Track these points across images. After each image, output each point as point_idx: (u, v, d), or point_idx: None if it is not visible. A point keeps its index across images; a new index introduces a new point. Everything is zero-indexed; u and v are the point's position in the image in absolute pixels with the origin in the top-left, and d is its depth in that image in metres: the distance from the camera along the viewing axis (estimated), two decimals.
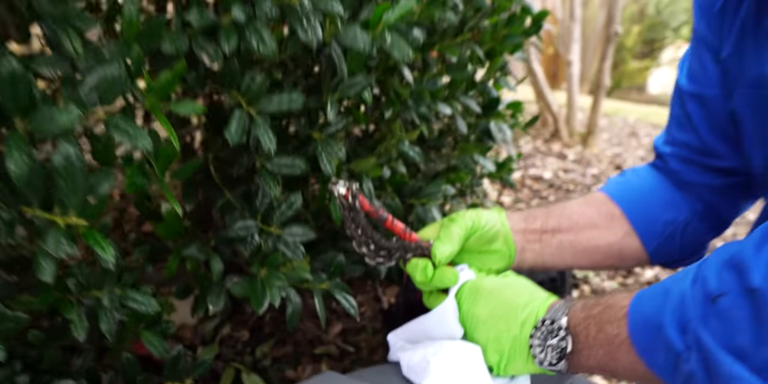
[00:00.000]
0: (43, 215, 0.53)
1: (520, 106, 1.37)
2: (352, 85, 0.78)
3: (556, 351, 0.62)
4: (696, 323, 0.51)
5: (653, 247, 0.87)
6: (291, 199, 0.82)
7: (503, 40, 1.14)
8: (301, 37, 0.62)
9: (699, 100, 0.81)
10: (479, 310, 0.70)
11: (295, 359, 1.27)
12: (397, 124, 0.95)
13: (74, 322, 0.66)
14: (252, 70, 0.69)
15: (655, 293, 0.57)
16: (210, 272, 0.89)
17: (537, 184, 2.58)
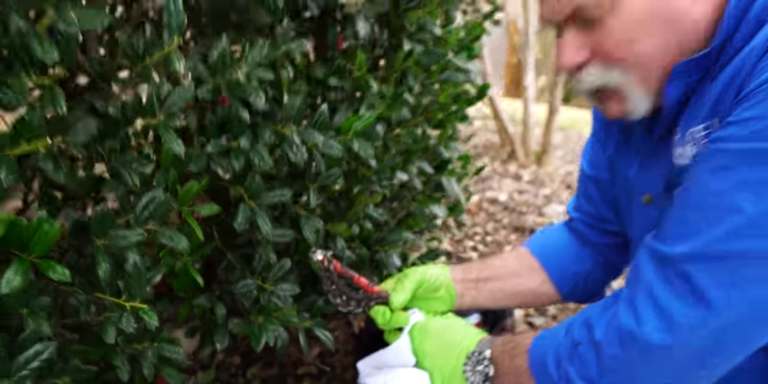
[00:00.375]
0: (114, 300, 0.75)
1: (469, 159, 1.62)
2: (328, 176, 1.02)
3: (482, 375, 0.87)
4: (565, 362, 0.76)
5: (564, 291, 1.12)
6: (282, 262, 1.05)
7: (452, 114, 1.39)
8: (291, 158, 0.86)
9: (596, 181, 1.07)
10: (426, 346, 0.94)
11: (281, 379, 1.50)
12: (364, 194, 1.18)
13: (120, 367, 0.88)
14: (252, 171, 0.92)
15: (544, 338, 0.83)
16: (215, 316, 1.12)
17: (493, 207, 2.84)
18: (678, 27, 0.71)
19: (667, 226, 0.72)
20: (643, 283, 0.71)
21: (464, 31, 1.35)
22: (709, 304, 0.64)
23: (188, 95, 0.70)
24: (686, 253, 0.66)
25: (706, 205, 0.66)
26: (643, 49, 0.72)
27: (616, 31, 0.72)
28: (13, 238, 0.65)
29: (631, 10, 0.70)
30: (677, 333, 0.66)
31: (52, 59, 0.53)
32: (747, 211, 0.62)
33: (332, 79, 1.03)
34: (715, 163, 0.66)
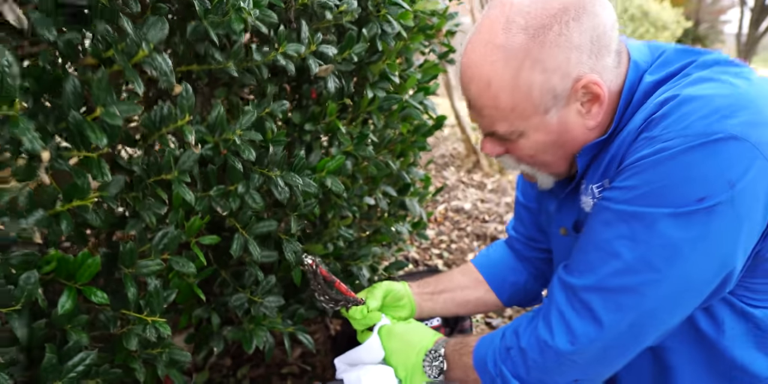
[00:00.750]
0: (137, 315, 0.94)
1: (429, 180, 1.83)
2: (306, 206, 1.22)
3: (438, 369, 1.08)
4: (499, 362, 0.98)
5: (504, 299, 1.34)
6: (268, 278, 1.25)
7: (412, 144, 1.60)
8: (277, 196, 1.06)
9: (526, 208, 1.30)
10: (392, 345, 1.15)
11: (267, 378, 1.70)
12: (336, 218, 1.39)
13: (137, 370, 1.07)
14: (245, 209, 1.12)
15: (485, 341, 1.04)
16: (211, 324, 1.31)
17: (458, 215, 3.07)
18: (571, 148, 0.95)
19: (573, 261, 0.94)
20: (555, 304, 0.93)
21: (421, 73, 1.57)
22: (601, 323, 0.87)
23: (195, 157, 0.89)
24: (585, 285, 0.89)
25: (598, 249, 0.88)
26: (541, 160, 0.97)
27: (522, 149, 0.95)
28: (62, 270, 0.84)
29: (535, 139, 0.93)
30: (579, 343, 0.89)
31: (102, 144, 0.73)
32: (625, 257, 0.84)
33: (307, 125, 1.23)
34: (603, 217, 0.88)
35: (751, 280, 0.91)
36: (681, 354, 0.98)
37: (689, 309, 0.87)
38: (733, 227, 0.79)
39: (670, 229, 0.80)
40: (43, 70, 0.73)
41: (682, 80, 0.86)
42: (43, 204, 0.83)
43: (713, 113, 0.78)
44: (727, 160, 0.76)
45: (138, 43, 0.76)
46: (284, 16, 1.08)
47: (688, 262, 0.81)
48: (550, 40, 0.83)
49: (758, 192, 0.78)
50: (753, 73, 0.87)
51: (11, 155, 0.73)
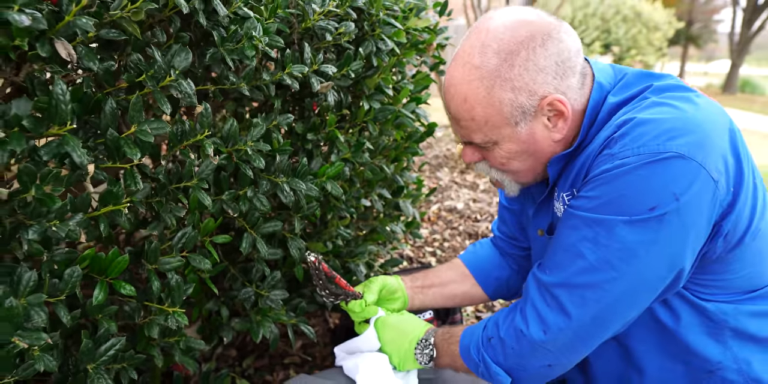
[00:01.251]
0: (159, 307, 1.07)
1: (422, 183, 1.96)
2: (308, 208, 1.34)
3: (428, 356, 1.21)
4: (482, 350, 1.11)
5: (490, 292, 1.47)
6: (273, 273, 1.37)
7: (405, 150, 1.73)
8: (283, 200, 1.18)
9: (509, 210, 1.42)
10: (386, 335, 1.27)
11: (271, 368, 1.82)
12: (335, 219, 1.51)
13: (156, 356, 1.19)
14: (253, 210, 1.24)
15: (469, 332, 1.17)
16: (220, 317, 1.43)
17: (450, 215, 3.20)
18: (539, 158, 1.07)
19: (545, 260, 1.07)
20: (530, 299, 1.06)
21: (413, 84, 1.69)
22: (569, 315, 1.00)
23: (213, 166, 1.02)
24: (555, 281, 1.02)
25: (566, 250, 1.01)
26: (513, 167, 1.09)
27: (496, 156, 1.08)
28: (95, 266, 0.97)
29: (507, 149, 1.05)
30: (550, 333, 1.01)
31: (136, 157, 0.85)
32: (588, 258, 0.97)
33: (309, 134, 1.35)
34: (570, 223, 1.01)
35: (701, 277, 1.04)
36: (643, 342, 1.11)
37: (646, 303, 1.00)
38: (681, 233, 0.92)
39: (627, 234, 0.92)
40: (85, 95, 0.85)
41: (640, 103, 0.99)
42: (80, 208, 0.95)
43: (663, 134, 0.91)
44: (673, 176, 0.89)
45: (166, 70, 0.88)
46: (289, 39, 1.20)
47: (642, 262, 0.93)
48: (519, 63, 0.96)
49: (702, 203, 0.91)
50: (701, 97, 1.00)
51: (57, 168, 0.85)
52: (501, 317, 1.12)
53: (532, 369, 1.05)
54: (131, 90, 0.91)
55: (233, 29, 0.98)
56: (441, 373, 1.35)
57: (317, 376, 1.28)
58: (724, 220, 0.95)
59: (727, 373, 1.06)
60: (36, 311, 0.81)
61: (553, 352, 1.03)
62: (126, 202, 0.93)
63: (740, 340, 1.06)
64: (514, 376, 1.07)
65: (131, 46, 0.89)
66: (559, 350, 1.03)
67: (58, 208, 0.80)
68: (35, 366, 0.85)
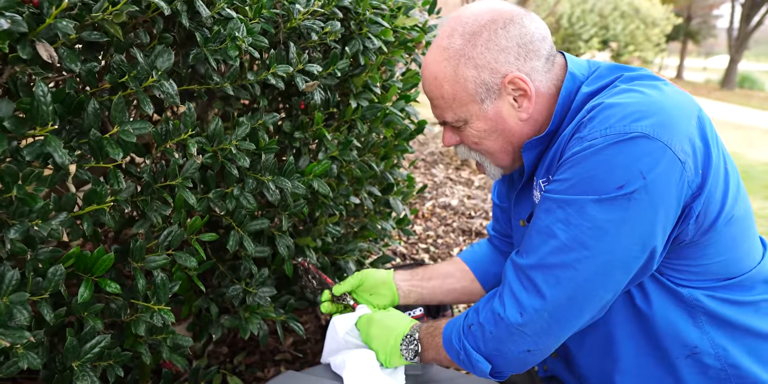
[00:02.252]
0: (145, 304, 1.08)
1: (413, 180, 1.97)
2: (296, 206, 1.35)
3: (413, 352, 1.22)
4: (462, 338, 1.12)
5: (488, 288, 1.48)
6: (261, 271, 1.39)
7: (394, 148, 1.74)
8: (269, 198, 1.19)
9: (501, 208, 1.44)
10: (372, 331, 1.28)
11: (262, 364, 1.84)
12: (324, 216, 1.53)
13: (144, 354, 1.21)
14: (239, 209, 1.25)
15: (451, 323, 1.18)
16: (209, 314, 1.45)
17: (445, 211, 3.21)
18: (509, 137, 1.11)
19: (522, 244, 1.08)
20: (507, 282, 1.07)
21: (402, 82, 1.70)
22: (544, 296, 1.00)
23: (197, 165, 1.03)
24: (529, 263, 1.03)
25: (540, 232, 1.02)
26: (486, 147, 1.14)
27: (469, 136, 1.13)
28: (81, 264, 0.98)
29: (477, 127, 1.11)
30: (526, 315, 1.02)
31: (119, 157, 0.86)
32: (560, 238, 0.98)
33: (297, 133, 1.36)
34: (545, 206, 1.02)
35: (676, 262, 1.06)
36: (622, 328, 1.12)
37: (620, 284, 1.00)
38: (650, 211, 0.94)
39: (596, 213, 0.95)
40: (68, 96, 0.86)
41: (610, 91, 1.03)
42: (65, 207, 0.96)
43: (629, 116, 0.94)
44: (639, 154, 0.92)
45: (148, 71, 0.89)
46: (275, 39, 1.21)
47: (613, 240, 0.95)
48: (481, 43, 1.04)
49: (670, 182, 0.93)
50: (668, 85, 1.03)
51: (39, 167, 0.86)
52: (481, 304, 1.13)
53: (511, 354, 1.06)
54: (115, 91, 0.92)
55: (216, 30, 0.99)
56: (428, 368, 1.37)
57: (305, 373, 1.30)
58: (694, 201, 0.97)
59: (704, 357, 1.08)
60: (18, 310, 0.82)
61: (530, 335, 1.03)
62: (110, 202, 0.94)
63: (717, 326, 1.07)
64: (493, 362, 1.08)
65: (114, 47, 0.90)
66: (536, 333, 1.03)
67: (41, 207, 0.81)
68: (19, 364, 0.86)
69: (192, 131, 0.99)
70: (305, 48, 1.30)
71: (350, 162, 1.52)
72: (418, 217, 3.09)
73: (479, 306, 1.13)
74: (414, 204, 3.23)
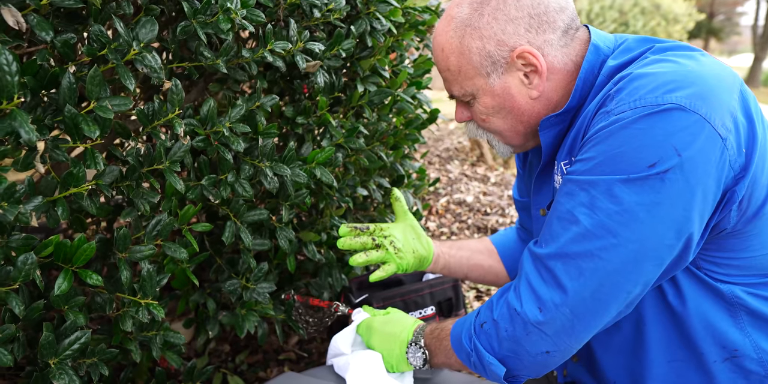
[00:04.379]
0: (131, 298, 1.00)
1: (425, 172, 1.88)
2: (297, 196, 1.27)
3: (421, 359, 1.13)
4: (474, 337, 1.02)
5: (512, 273, 1.39)
6: (261, 265, 1.31)
7: (405, 137, 1.65)
8: (266, 186, 1.11)
9: (522, 204, 1.35)
10: (373, 340, 1.19)
11: (265, 364, 1.76)
12: (329, 208, 1.44)
13: (133, 351, 1.13)
14: (236, 197, 1.17)
15: (460, 322, 1.09)
16: (207, 309, 1.37)
17: (459, 208, 3.11)
18: (519, 116, 1.02)
19: (541, 234, 0.98)
20: (524, 274, 0.97)
21: (413, 68, 1.61)
22: (565, 290, 0.90)
23: (185, 148, 0.95)
24: (549, 253, 0.93)
25: (561, 219, 0.92)
26: (494, 125, 1.05)
27: (477, 112, 1.05)
28: (60, 254, 0.90)
29: (484, 103, 1.02)
30: (546, 311, 0.92)
31: (94, 135, 0.78)
32: (583, 223, 0.88)
33: (299, 118, 1.28)
34: (566, 189, 0.92)
35: (717, 255, 0.94)
36: (653, 328, 1.01)
37: (651, 276, 0.89)
38: (686, 193, 0.83)
39: (625, 195, 0.84)
40: (41, 68, 0.78)
41: (640, 63, 0.93)
42: (43, 192, 0.89)
43: (661, 86, 0.84)
44: (673, 129, 0.81)
45: (129, 43, 0.81)
46: (274, 15, 1.12)
47: (644, 226, 0.84)
48: (488, 13, 0.97)
49: (709, 161, 0.82)
50: (705, 55, 0.92)
51: (12, 147, 0.79)
52: (495, 298, 1.03)
53: (528, 356, 0.96)
54: (94, 65, 0.84)
55: (207, 1, 0.91)
56: (438, 371, 1.28)
57: (305, 374, 1.22)
58: (737, 184, 0.86)
59: (745, 361, 0.97)
60: None
61: (549, 335, 0.93)
62: (89, 185, 0.86)
63: (760, 328, 0.96)
64: (508, 365, 0.98)
65: (92, 16, 0.82)
66: (556, 333, 0.93)
67: (6, 188, 0.74)
68: None
69: (179, 111, 0.91)
70: (308, 27, 1.21)
71: (357, 151, 1.43)
72: (431, 213, 2.99)
73: (493, 301, 1.03)
74: (428, 199, 3.14)
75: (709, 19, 22.47)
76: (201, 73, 1.09)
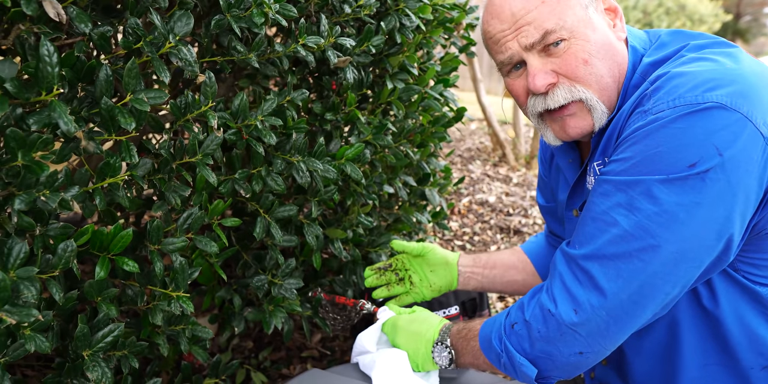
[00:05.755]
0: (163, 291, 1.01)
1: (450, 171, 1.87)
2: (326, 192, 1.27)
3: (447, 359, 1.11)
4: (504, 338, 1.01)
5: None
6: (288, 261, 1.31)
7: (431, 135, 1.64)
8: (298, 180, 1.11)
9: (547, 209, 1.33)
10: (399, 339, 1.18)
11: (288, 361, 1.76)
12: (356, 205, 1.44)
13: (161, 345, 1.14)
14: (266, 191, 1.17)
15: (489, 322, 1.07)
16: (233, 305, 1.37)
17: (482, 208, 3.09)
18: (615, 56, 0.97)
19: (575, 235, 0.97)
20: (557, 275, 0.96)
21: (441, 65, 1.60)
22: (602, 291, 0.89)
23: (218, 140, 0.95)
24: (585, 253, 0.91)
25: (597, 219, 0.91)
26: (596, 69, 0.94)
27: (576, 54, 0.94)
28: (96, 242, 0.91)
29: (586, 39, 0.93)
30: (582, 313, 0.90)
31: (131, 127, 0.79)
32: (622, 224, 0.87)
33: (328, 114, 1.28)
34: (602, 189, 0.91)
35: (755, 256, 0.92)
36: (688, 332, 0.99)
37: (690, 278, 0.87)
38: (727, 193, 0.81)
39: (665, 195, 0.82)
40: (78, 60, 0.79)
41: (676, 61, 0.91)
42: (79, 182, 0.89)
43: (701, 85, 0.82)
44: (714, 128, 0.79)
45: (165, 36, 0.81)
46: (305, 11, 1.12)
47: (684, 227, 0.82)
48: None
49: (750, 161, 0.80)
50: (742, 53, 0.90)
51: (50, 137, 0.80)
52: (526, 299, 1.01)
53: (561, 357, 0.94)
54: (130, 57, 0.85)
55: None
56: (463, 371, 1.27)
57: (330, 371, 1.21)
58: None
59: None
60: (26, 285, 0.75)
61: (584, 336, 0.92)
62: (124, 175, 0.87)
63: None
64: (540, 366, 0.97)
65: (129, 10, 0.83)
66: (590, 334, 0.91)
67: (48, 176, 0.74)
68: (26, 346, 0.80)
69: (213, 103, 0.91)
70: (338, 23, 1.21)
71: (385, 147, 1.42)
72: (453, 213, 2.98)
73: (524, 302, 1.02)
74: (450, 199, 3.12)
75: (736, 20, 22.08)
76: (231, 68, 1.10)
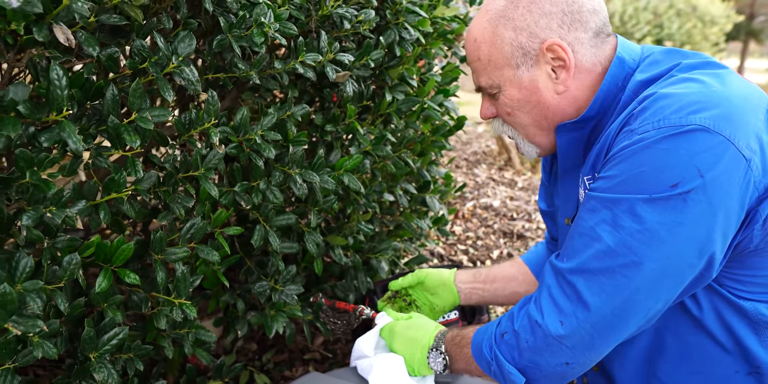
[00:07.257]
0: (166, 298, 1.05)
1: (451, 178, 1.90)
2: (326, 201, 1.31)
3: (441, 364, 1.15)
4: (494, 347, 1.05)
5: None
6: (289, 268, 1.35)
7: (431, 144, 1.68)
8: (296, 192, 1.15)
9: (547, 213, 1.36)
10: (395, 344, 1.22)
11: (290, 363, 1.81)
12: (356, 213, 1.48)
13: (166, 348, 1.18)
14: (266, 203, 1.22)
15: (482, 330, 1.11)
16: (236, 309, 1.42)
17: (486, 212, 3.12)
18: (543, 110, 1.04)
19: (563, 247, 1.00)
20: (545, 287, 0.99)
21: (441, 76, 1.63)
22: (587, 305, 0.92)
23: (220, 155, 0.99)
24: (571, 267, 0.95)
25: (583, 235, 0.94)
26: (519, 119, 1.07)
27: (503, 105, 1.07)
28: (101, 254, 0.95)
29: (510, 95, 1.05)
30: (567, 325, 0.94)
31: (135, 145, 0.83)
32: (606, 241, 0.90)
33: (328, 126, 1.32)
34: (589, 205, 0.94)
35: (739, 272, 0.95)
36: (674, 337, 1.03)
37: (672, 294, 0.91)
38: (708, 214, 0.84)
39: (647, 214, 0.85)
40: (87, 80, 0.83)
41: (666, 81, 0.94)
42: (86, 196, 0.94)
43: (686, 107, 0.85)
44: (696, 150, 0.83)
45: (168, 57, 0.86)
46: (306, 27, 1.16)
47: (666, 245, 0.86)
48: (523, 5, 1.00)
49: (732, 182, 0.83)
50: (732, 74, 0.93)
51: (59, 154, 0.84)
52: (516, 309, 1.05)
53: (548, 366, 0.98)
54: (135, 77, 0.89)
55: (242, 15, 0.96)
56: (458, 376, 1.30)
57: (329, 375, 1.25)
58: (761, 204, 0.87)
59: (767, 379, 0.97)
60: (32, 298, 0.80)
61: (569, 348, 0.95)
62: (128, 191, 0.91)
63: None
64: (528, 375, 1.00)
65: (135, 32, 0.87)
66: (575, 346, 0.95)
67: (54, 193, 0.79)
68: (34, 353, 0.85)
69: (215, 120, 0.95)
70: (338, 38, 1.25)
71: (384, 157, 1.46)
72: (457, 217, 3.01)
73: (513, 312, 1.06)
74: (454, 204, 3.16)
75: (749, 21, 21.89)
76: (234, 82, 1.14)
